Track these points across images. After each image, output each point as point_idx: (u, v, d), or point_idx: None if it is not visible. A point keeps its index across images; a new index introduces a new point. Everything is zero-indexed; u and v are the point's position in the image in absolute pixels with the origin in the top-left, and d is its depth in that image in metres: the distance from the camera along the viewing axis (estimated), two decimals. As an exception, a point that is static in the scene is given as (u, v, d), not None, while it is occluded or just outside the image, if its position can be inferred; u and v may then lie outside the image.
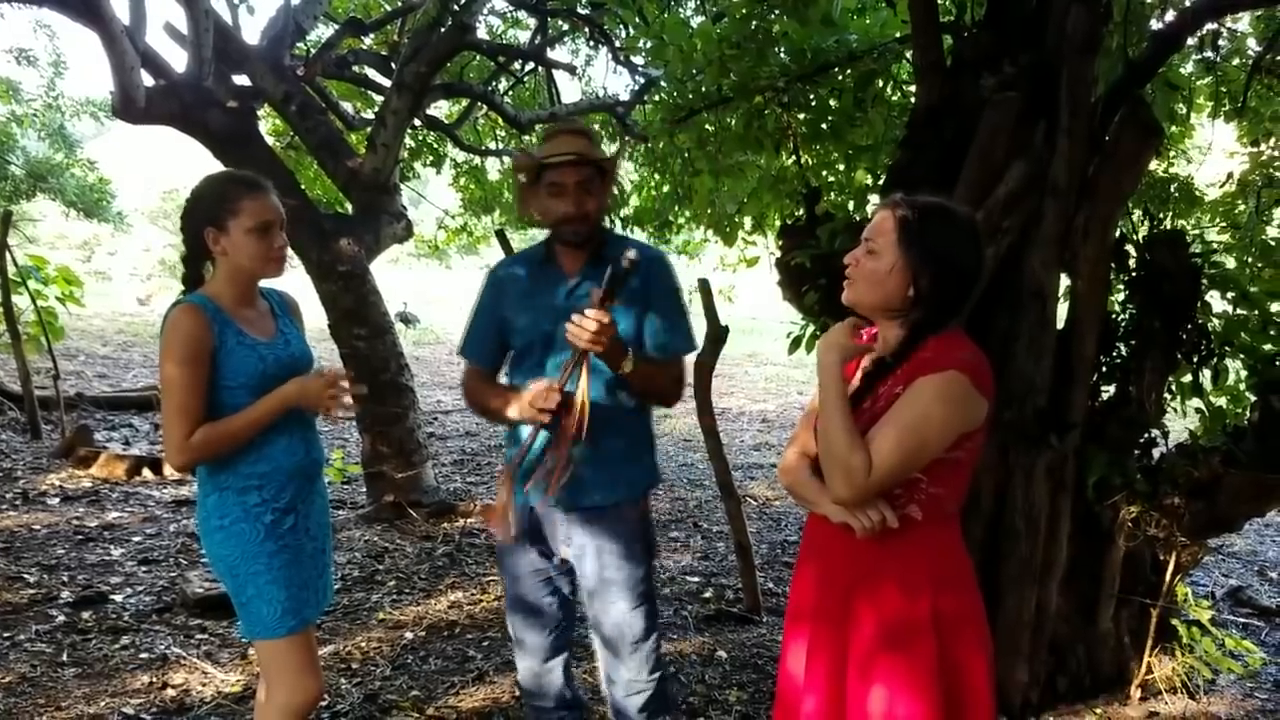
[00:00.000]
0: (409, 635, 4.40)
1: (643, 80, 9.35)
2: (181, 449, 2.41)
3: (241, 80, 6.77)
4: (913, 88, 4.94)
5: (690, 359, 3.02)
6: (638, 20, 7.24)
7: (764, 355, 18.46)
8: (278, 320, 2.66)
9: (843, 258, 4.60)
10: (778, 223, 5.94)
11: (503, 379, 2.77)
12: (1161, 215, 4.46)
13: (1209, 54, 5.64)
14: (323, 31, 9.01)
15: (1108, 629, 4.04)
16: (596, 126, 10.58)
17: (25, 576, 4.96)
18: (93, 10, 5.48)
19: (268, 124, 9.82)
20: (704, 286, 4.84)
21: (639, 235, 11.33)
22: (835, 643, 1.96)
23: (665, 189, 10.24)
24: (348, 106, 9.25)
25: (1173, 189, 5.36)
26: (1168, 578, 3.95)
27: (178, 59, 6.33)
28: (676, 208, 10.12)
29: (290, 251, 2.77)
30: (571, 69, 9.56)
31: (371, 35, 8.70)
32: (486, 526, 2.55)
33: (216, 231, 2.48)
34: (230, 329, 2.49)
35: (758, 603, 4.81)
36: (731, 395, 13.31)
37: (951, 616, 1.90)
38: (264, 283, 2.65)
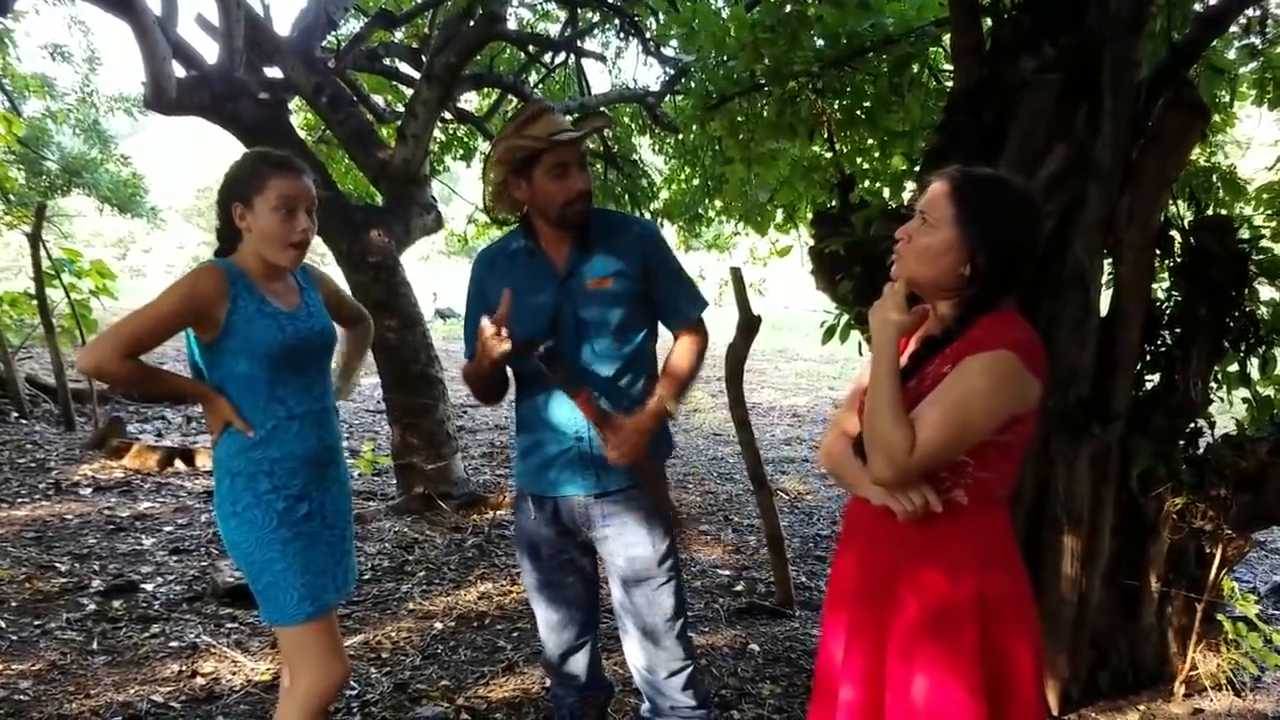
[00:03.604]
0: (439, 625, 4.37)
1: (673, 71, 9.30)
2: (106, 358, 2.36)
3: (272, 72, 6.76)
4: (950, 71, 4.86)
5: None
6: (668, 8, 7.18)
7: (794, 350, 18.37)
8: (303, 293, 2.63)
9: (878, 245, 4.54)
10: (809, 213, 5.87)
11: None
12: (1205, 203, 4.36)
13: (1254, 39, 5.52)
14: (353, 25, 9.01)
15: (1150, 623, 3.94)
16: (626, 119, 10.55)
17: (57, 565, 4.97)
18: (125, 1, 5.49)
19: (299, 118, 9.85)
20: (736, 275, 4.77)
21: (669, 229, 11.29)
22: (875, 628, 1.89)
23: (695, 182, 10.21)
24: (378, 100, 9.23)
25: (1214, 179, 5.24)
26: (1213, 571, 3.85)
27: (208, 50, 6.34)
28: (707, 201, 10.09)
29: (322, 244, 2.73)
30: (602, 58, 9.50)
31: (402, 28, 8.68)
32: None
33: (244, 207, 2.46)
34: (252, 296, 2.46)
35: (790, 596, 4.74)
36: (762, 390, 13.23)
37: (997, 600, 1.83)
38: None
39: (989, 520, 1.89)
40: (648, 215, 10.40)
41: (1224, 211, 5.00)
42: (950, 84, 4.46)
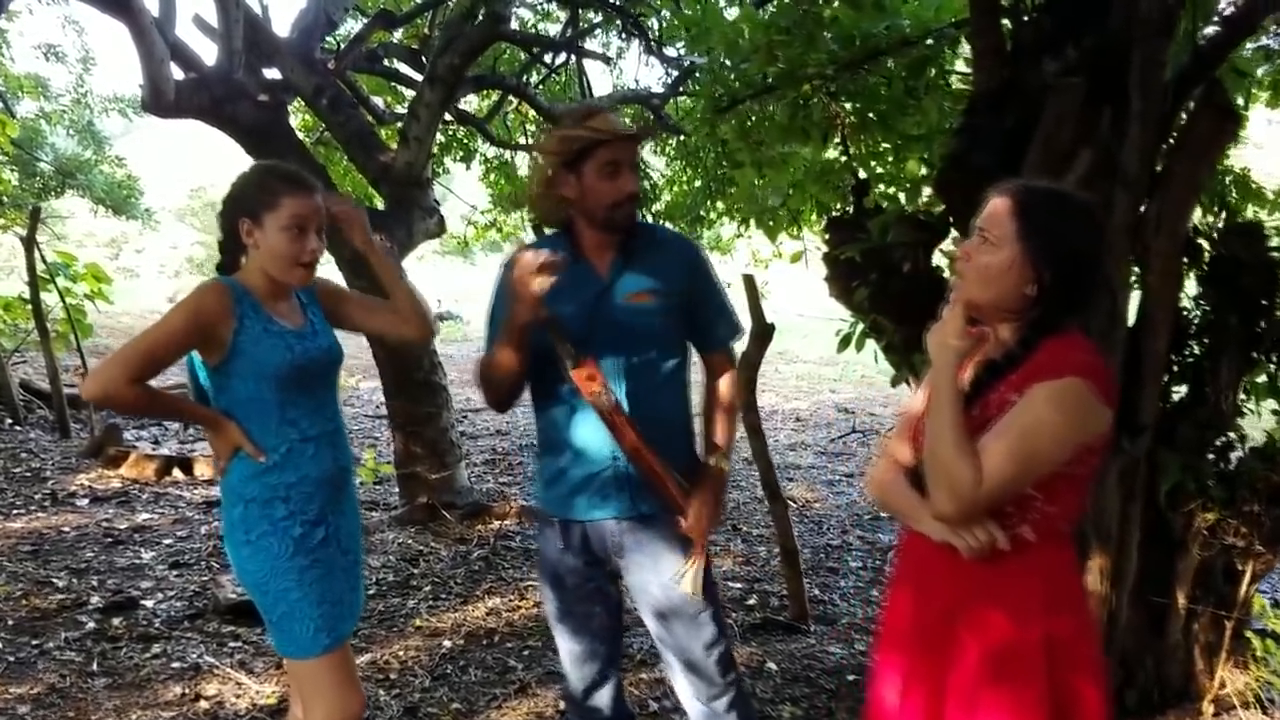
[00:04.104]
0: (447, 644, 4.26)
1: (676, 72, 9.19)
2: (113, 384, 2.24)
3: (272, 73, 6.65)
4: (966, 74, 4.77)
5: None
6: (673, 9, 7.09)
7: (794, 353, 18.28)
8: (306, 310, 2.52)
9: (895, 251, 4.44)
10: (813, 216, 5.78)
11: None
12: (1235, 210, 4.27)
13: (1270, 41, 5.43)
14: (351, 25, 8.90)
15: (1178, 641, 3.85)
16: (628, 120, 10.44)
17: (54, 581, 4.86)
18: (122, 2, 5.37)
19: (297, 119, 9.73)
20: (749, 282, 4.68)
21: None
22: (934, 673, 1.78)
23: (697, 184, 10.11)
24: (377, 101, 9.12)
25: (1227, 181, 5.15)
26: (1243, 588, 3.76)
27: (206, 52, 6.23)
28: (708, 203, 9.99)
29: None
30: (607, 59, 9.39)
31: (401, 29, 8.57)
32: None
33: (251, 223, 2.35)
34: (258, 315, 2.36)
35: (805, 610, 4.65)
36: (763, 394, 13.11)
37: (1065, 643, 1.72)
38: None
39: (1056, 557, 1.78)
40: (649, 217, 10.31)
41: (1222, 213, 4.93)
42: (969, 86, 4.37)
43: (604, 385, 2.29)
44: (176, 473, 7.14)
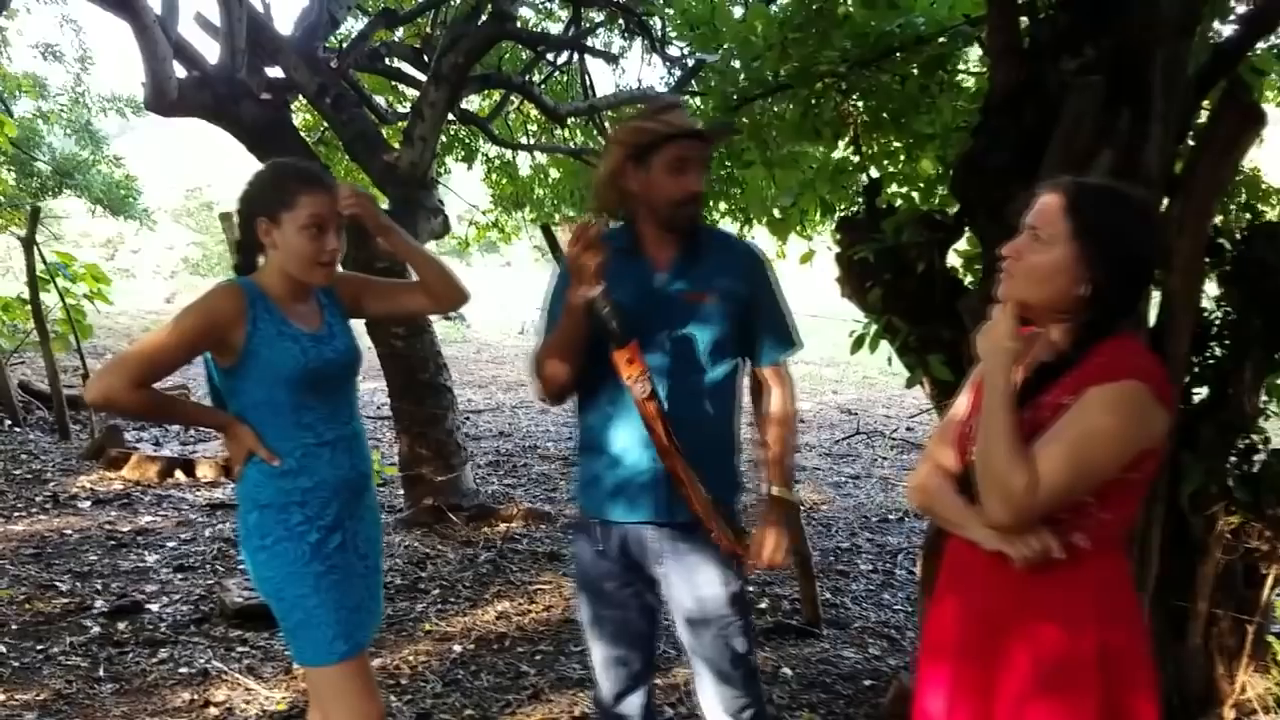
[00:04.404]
0: (457, 648, 4.21)
1: (679, 72, 9.15)
2: (115, 388, 2.19)
3: (274, 72, 6.59)
4: (981, 72, 4.73)
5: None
6: (678, 7, 7.03)
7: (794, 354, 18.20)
8: (324, 312, 2.46)
9: (909, 251, 4.39)
10: (817, 216, 5.74)
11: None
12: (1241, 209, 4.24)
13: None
14: (352, 24, 8.84)
15: (1197, 645, 3.80)
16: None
17: (58, 584, 4.80)
18: (125, 0, 5.32)
19: (298, 119, 9.67)
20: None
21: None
22: (983, 686, 1.72)
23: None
24: (379, 100, 9.06)
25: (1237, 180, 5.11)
26: (1265, 592, 3.72)
27: (209, 50, 6.18)
28: (711, 202, 9.94)
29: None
30: (614, 58, 9.33)
31: (402, 28, 8.52)
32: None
33: (269, 223, 2.29)
34: (273, 318, 2.30)
35: (818, 614, 4.60)
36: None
37: (1119, 655, 1.67)
38: None
39: (1110, 566, 1.72)
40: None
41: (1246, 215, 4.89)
42: (985, 85, 4.33)
43: (644, 372, 2.22)
44: (179, 475, 7.07)
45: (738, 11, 6.71)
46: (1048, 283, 1.69)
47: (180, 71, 5.82)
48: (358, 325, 2.71)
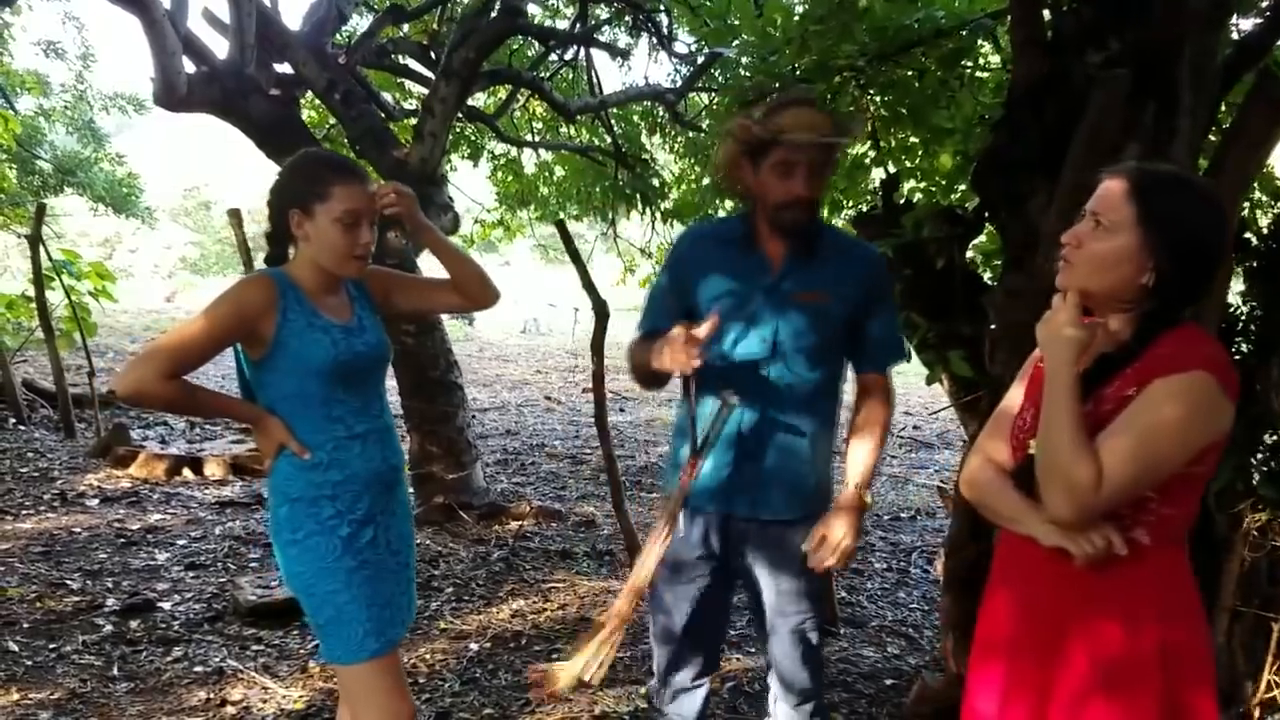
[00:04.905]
0: (474, 647, 4.17)
1: (686, 68, 9.11)
2: (146, 380, 2.14)
3: (283, 68, 6.55)
4: (1002, 66, 4.69)
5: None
6: (682, 4, 7.00)
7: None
8: (354, 304, 2.43)
9: (928, 247, 4.35)
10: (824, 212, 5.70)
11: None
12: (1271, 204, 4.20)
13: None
14: (359, 20, 8.80)
15: (1221, 644, 3.77)
16: (636, 117, 10.36)
17: (68, 583, 4.76)
18: (134, -7, 5.28)
19: (304, 114, 9.64)
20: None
21: (679, 230, 11.10)
22: (1040, 685, 1.69)
23: (706, 180, 10.02)
24: (387, 97, 9.02)
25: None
26: (1290, 589, 3.68)
27: (218, 46, 6.14)
28: (718, 201, 9.91)
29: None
30: (625, 53, 9.29)
31: (409, 24, 8.47)
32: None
33: (302, 215, 2.26)
34: (303, 309, 2.27)
35: (835, 613, 4.56)
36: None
37: (1180, 653, 1.64)
38: None
39: (1171, 562, 1.69)
40: (658, 215, 10.23)
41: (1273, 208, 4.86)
42: (1006, 78, 4.29)
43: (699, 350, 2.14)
44: (186, 472, 7.03)
45: (751, 5, 6.68)
46: (1111, 271, 1.65)
47: (189, 67, 5.77)
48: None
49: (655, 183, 9.97)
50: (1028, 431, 1.73)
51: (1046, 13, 3.99)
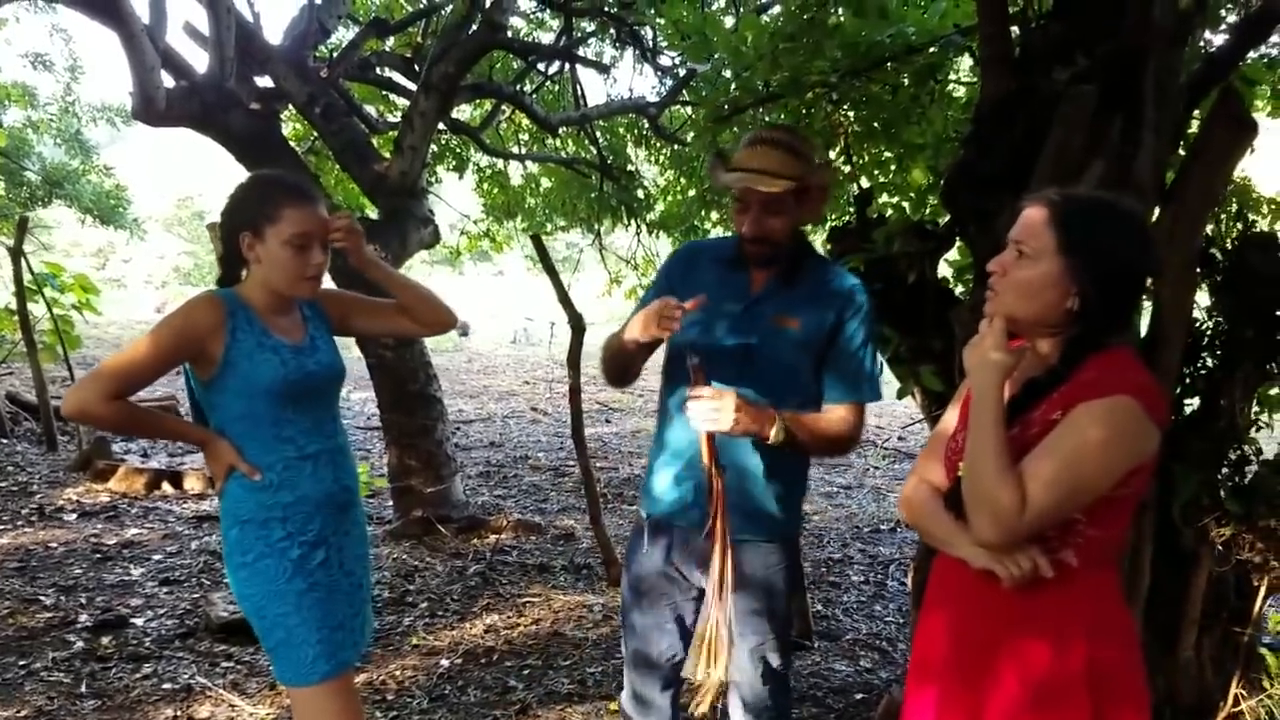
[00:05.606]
0: (445, 663, 4.16)
1: (670, 81, 9.13)
2: (89, 400, 2.15)
3: (264, 81, 6.55)
4: (972, 82, 4.72)
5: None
6: (668, 17, 7.02)
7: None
8: (307, 324, 2.43)
9: (900, 262, 4.37)
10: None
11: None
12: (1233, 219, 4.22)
13: (1272, 50, 5.39)
14: (342, 34, 8.81)
15: (1189, 657, 3.78)
16: (621, 130, 10.38)
17: (42, 598, 4.74)
18: (112, 9, 5.29)
19: (287, 128, 9.63)
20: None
21: (664, 242, 11.13)
22: (971, 705, 1.70)
23: (691, 193, 10.05)
24: (370, 110, 9.03)
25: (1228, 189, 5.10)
26: (1258, 603, 3.69)
27: (198, 60, 6.14)
28: (703, 212, 9.93)
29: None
30: (605, 68, 9.31)
31: (393, 37, 8.49)
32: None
33: (252, 237, 2.26)
34: (253, 329, 2.27)
35: (809, 627, 4.57)
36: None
37: (1109, 670, 1.64)
38: None
39: (1100, 583, 1.70)
40: (644, 226, 10.24)
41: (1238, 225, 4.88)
42: (973, 94, 4.32)
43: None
44: (166, 486, 7.01)
45: (729, 21, 6.72)
46: (1035, 298, 1.66)
47: (169, 81, 5.78)
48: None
49: (640, 195, 9.98)
50: (959, 454, 1.74)
51: (1015, 29, 4.02)
